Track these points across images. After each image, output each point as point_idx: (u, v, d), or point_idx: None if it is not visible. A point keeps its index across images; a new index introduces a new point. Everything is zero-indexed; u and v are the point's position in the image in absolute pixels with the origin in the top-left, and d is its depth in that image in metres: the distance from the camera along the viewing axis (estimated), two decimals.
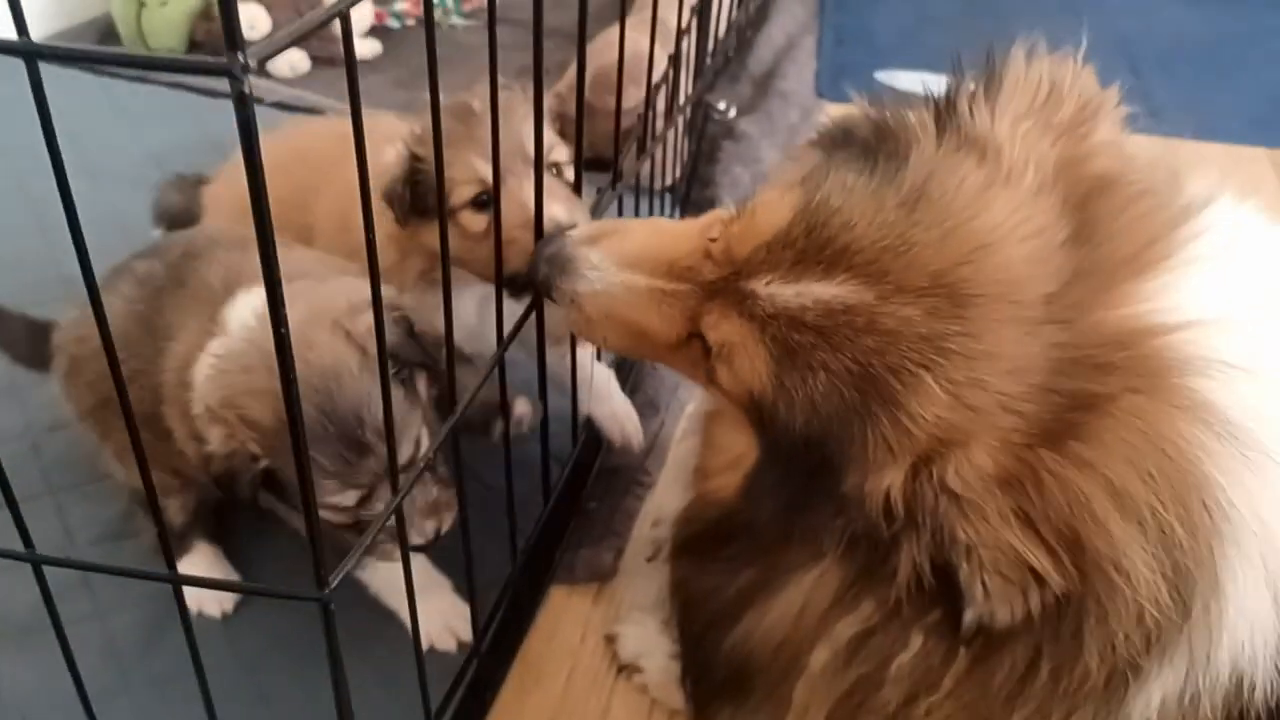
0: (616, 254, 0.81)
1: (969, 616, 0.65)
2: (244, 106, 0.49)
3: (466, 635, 1.12)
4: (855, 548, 0.71)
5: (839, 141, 0.81)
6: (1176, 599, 0.63)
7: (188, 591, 0.78)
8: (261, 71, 2.05)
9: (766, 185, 0.89)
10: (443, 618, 1.14)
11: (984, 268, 0.67)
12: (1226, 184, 0.75)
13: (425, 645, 0.99)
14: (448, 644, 1.13)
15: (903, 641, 0.70)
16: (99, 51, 0.52)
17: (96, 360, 1.04)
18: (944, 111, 0.75)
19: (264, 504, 0.96)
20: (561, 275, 0.81)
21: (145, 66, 0.52)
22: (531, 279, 0.85)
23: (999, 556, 0.63)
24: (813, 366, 0.68)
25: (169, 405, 1.01)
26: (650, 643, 1.13)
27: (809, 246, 0.70)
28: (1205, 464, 0.63)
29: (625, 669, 1.14)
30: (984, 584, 0.63)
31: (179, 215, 1.59)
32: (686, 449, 0.94)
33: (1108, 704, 0.66)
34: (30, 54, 0.50)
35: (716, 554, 0.81)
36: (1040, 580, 0.63)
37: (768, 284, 0.71)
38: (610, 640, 1.17)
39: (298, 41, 0.54)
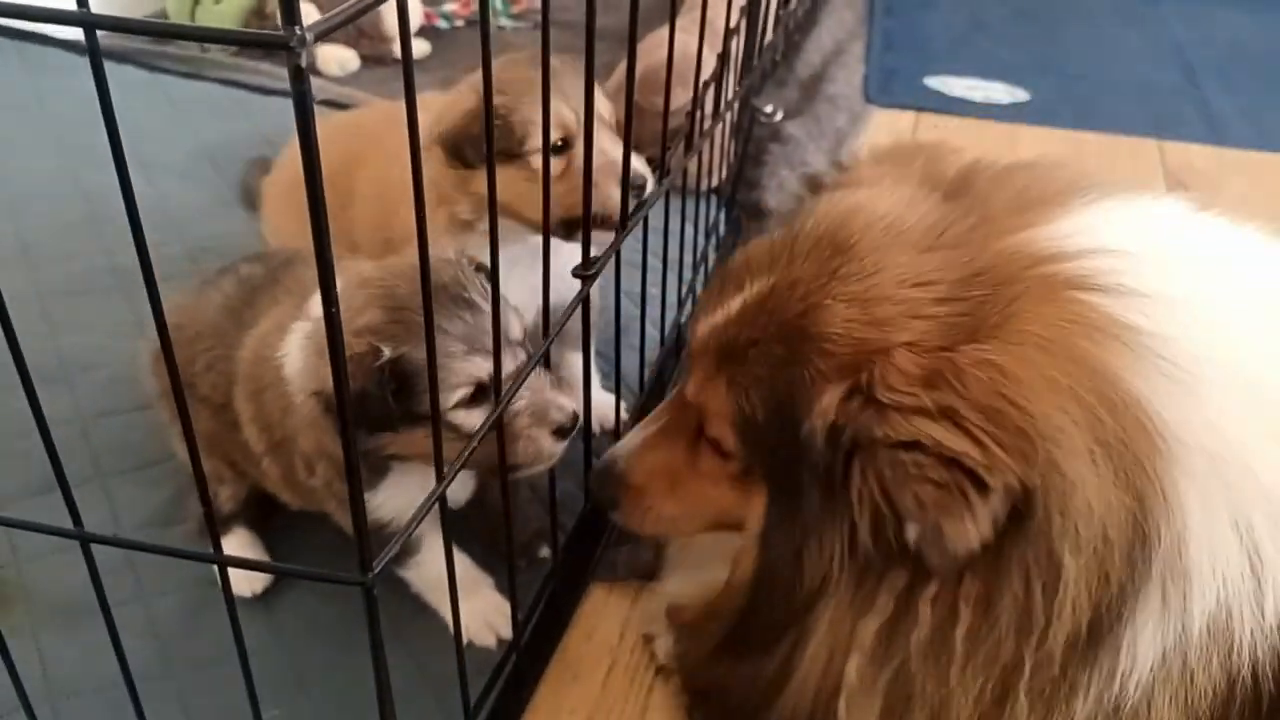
0: (630, 434, 0.98)
1: (912, 533, 0.68)
2: (300, 81, 0.49)
3: (506, 633, 1.12)
4: (857, 542, 0.73)
5: None
6: (1128, 504, 0.64)
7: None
8: (312, 69, 2.07)
9: None
10: (483, 614, 1.13)
11: (857, 221, 0.79)
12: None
13: (465, 641, 0.98)
14: (487, 640, 1.13)
15: (914, 619, 0.72)
16: (157, 23, 0.53)
17: (185, 346, 1.08)
18: (820, 186, 0.94)
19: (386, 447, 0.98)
20: (606, 473, 0.98)
21: (203, 40, 0.52)
22: (593, 502, 1.03)
23: (922, 459, 0.66)
24: (746, 348, 0.79)
25: (240, 384, 1.04)
26: None
27: (724, 288, 0.84)
28: (1130, 383, 0.65)
29: (663, 670, 1.13)
30: (915, 495, 0.66)
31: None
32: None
33: (1102, 628, 0.68)
34: (89, 24, 0.50)
35: (750, 639, 0.87)
36: (976, 479, 0.64)
37: (702, 326, 0.85)
38: (648, 640, 1.16)
39: (353, 19, 0.53)
